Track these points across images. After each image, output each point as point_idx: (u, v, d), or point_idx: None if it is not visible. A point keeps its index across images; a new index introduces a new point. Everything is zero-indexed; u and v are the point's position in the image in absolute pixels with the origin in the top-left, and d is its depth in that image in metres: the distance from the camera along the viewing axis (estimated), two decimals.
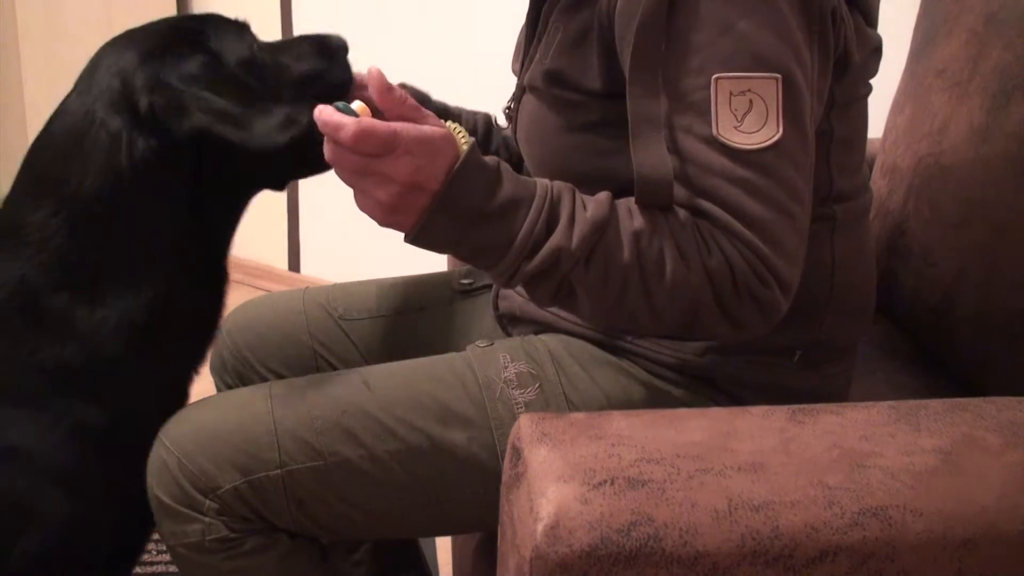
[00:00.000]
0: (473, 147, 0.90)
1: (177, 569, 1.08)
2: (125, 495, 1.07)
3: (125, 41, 1.08)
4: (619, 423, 0.84)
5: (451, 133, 0.90)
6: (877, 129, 1.46)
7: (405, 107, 0.90)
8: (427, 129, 0.88)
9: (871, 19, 1.04)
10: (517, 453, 0.82)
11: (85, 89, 1.07)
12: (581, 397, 1.05)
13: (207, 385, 1.37)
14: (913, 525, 0.76)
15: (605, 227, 0.90)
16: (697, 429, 0.83)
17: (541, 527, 0.73)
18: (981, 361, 1.23)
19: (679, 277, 0.89)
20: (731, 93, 0.90)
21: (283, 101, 1.08)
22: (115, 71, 1.05)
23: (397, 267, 1.60)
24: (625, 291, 0.90)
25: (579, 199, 0.92)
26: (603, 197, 0.92)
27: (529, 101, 1.10)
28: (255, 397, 1.08)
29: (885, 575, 0.76)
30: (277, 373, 1.30)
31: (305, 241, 3.10)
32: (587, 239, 0.89)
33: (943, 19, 1.39)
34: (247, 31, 1.12)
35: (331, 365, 1.30)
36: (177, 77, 1.03)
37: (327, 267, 3.05)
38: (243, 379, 1.33)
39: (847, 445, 0.82)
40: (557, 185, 0.92)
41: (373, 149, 0.86)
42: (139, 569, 1.81)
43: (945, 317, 1.28)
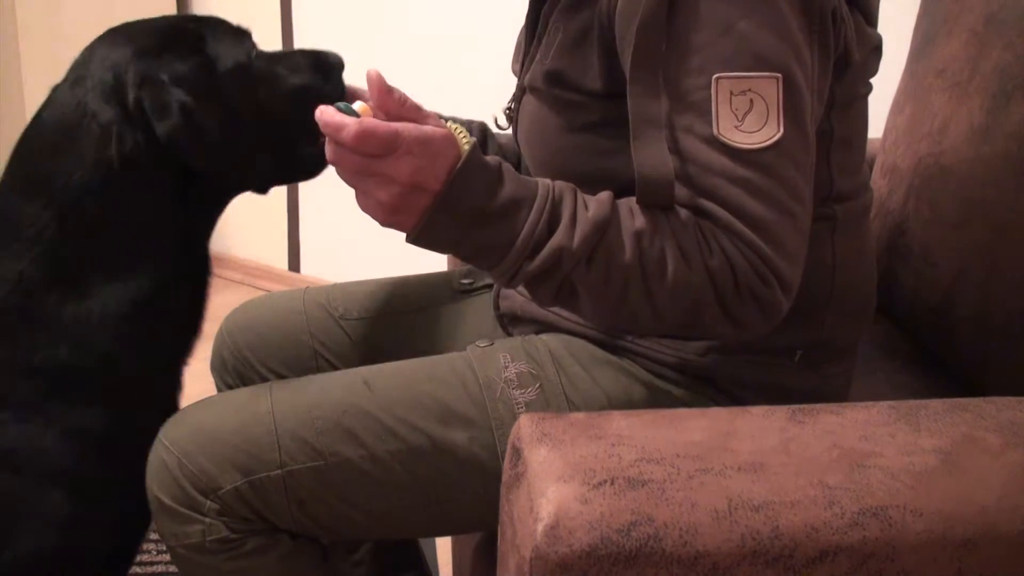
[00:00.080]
0: (474, 147, 0.90)
1: (177, 570, 1.08)
2: (123, 493, 1.07)
3: (121, 35, 1.08)
4: (619, 423, 0.84)
5: (452, 133, 0.90)
6: (877, 129, 1.46)
7: (405, 108, 0.90)
8: (428, 129, 0.88)
9: (871, 18, 1.04)
10: (517, 453, 0.82)
11: (77, 80, 1.07)
12: (581, 397, 1.05)
13: (207, 385, 1.37)
14: (913, 525, 0.76)
15: (607, 227, 0.90)
16: (697, 429, 0.83)
17: (541, 527, 0.73)
18: (981, 361, 1.23)
19: (681, 277, 0.89)
20: (731, 93, 0.90)
21: (273, 113, 1.09)
22: (108, 64, 1.05)
23: (397, 267, 1.60)
24: (627, 291, 0.90)
25: (580, 199, 0.92)
26: (604, 197, 0.92)
27: (529, 102, 1.10)
28: (255, 397, 1.08)
29: (885, 575, 0.76)
30: (277, 373, 1.30)
31: (305, 241, 3.10)
32: (589, 239, 0.89)
33: (943, 19, 1.39)
34: (246, 38, 1.12)
35: (331, 365, 1.30)
36: (168, 77, 1.03)
37: (327, 267, 3.05)
38: (243, 379, 1.33)
39: (847, 445, 0.82)
40: (559, 185, 0.92)
41: (374, 149, 0.86)
42: (139, 569, 1.82)
43: (945, 317, 1.28)
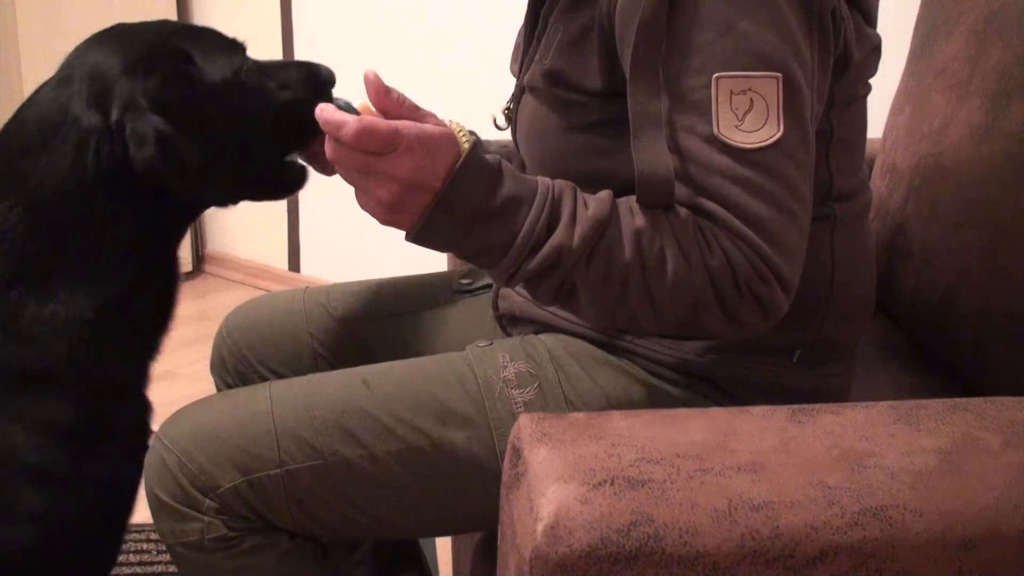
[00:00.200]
0: (474, 145, 0.90)
1: (176, 569, 1.08)
2: (97, 486, 1.07)
3: (112, 43, 1.08)
4: (619, 423, 0.84)
5: (452, 131, 0.90)
6: (877, 129, 1.46)
7: (404, 108, 0.90)
8: (428, 127, 0.88)
9: (871, 18, 1.04)
10: (517, 453, 0.82)
11: (63, 81, 1.07)
12: (580, 397, 1.05)
13: (207, 385, 1.36)
14: (913, 525, 0.76)
15: (606, 226, 0.90)
16: (697, 429, 0.83)
17: (541, 527, 0.73)
18: (981, 361, 1.23)
19: (680, 276, 0.89)
20: (732, 92, 0.90)
21: (259, 128, 1.10)
22: (96, 73, 1.05)
23: (397, 267, 1.60)
24: (626, 290, 0.90)
25: (580, 198, 0.92)
26: (604, 196, 0.92)
27: (529, 102, 1.10)
28: (255, 396, 1.08)
29: (885, 575, 0.76)
30: (277, 373, 1.30)
31: (305, 241, 3.10)
32: (588, 238, 0.89)
33: (943, 19, 1.39)
34: (239, 51, 1.12)
35: (331, 365, 1.30)
36: (150, 102, 1.03)
37: (327, 267, 3.05)
38: (243, 379, 1.33)
39: (847, 445, 0.82)
40: (558, 183, 0.92)
41: (374, 147, 0.86)
42: (139, 569, 1.82)
43: (945, 317, 1.28)
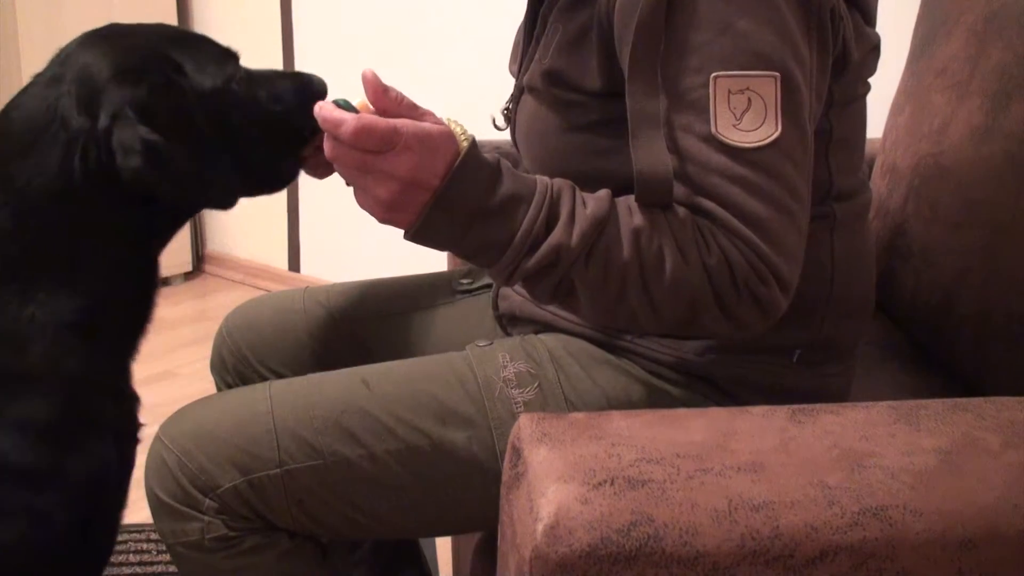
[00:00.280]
0: (473, 144, 0.90)
1: (176, 569, 1.08)
2: (81, 483, 1.07)
3: (103, 44, 1.08)
4: (619, 423, 0.84)
5: (451, 130, 0.90)
6: (877, 129, 1.46)
7: (402, 107, 0.91)
8: (427, 126, 0.88)
9: (870, 17, 1.04)
10: (517, 453, 0.82)
11: (52, 82, 1.07)
12: (580, 396, 1.05)
13: (207, 384, 1.37)
14: (913, 525, 0.76)
15: (605, 224, 0.90)
16: (697, 429, 0.83)
17: (541, 527, 0.73)
18: (981, 361, 1.23)
19: (679, 275, 0.89)
20: (730, 91, 0.90)
21: (247, 138, 1.10)
22: (86, 76, 1.05)
23: (397, 267, 1.60)
24: (625, 289, 0.90)
25: (579, 196, 0.92)
26: (603, 195, 0.92)
27: (528, 102, 1.10)
28: (255, 396, 1.08)
29: (885, 575, 0.76)
30: (277, 372, 1.30)
31: (305, 241, 3.10)
32: (587, 236, 0.89)
33: (943, 19, 1.39)
34: (231, 60, 1.11)
35: (331, 365, 1.30)
36: (139, 112, 1.03)
37: (327, 267, 3.05)
38: (243, 378, 1.33)
39: (847, 445, 0.82)
40: (557, 182, 0.92)
41: (373, 145, 0.86)
42: (139, 569, 1.82)
43: (945, 317, 1.28)
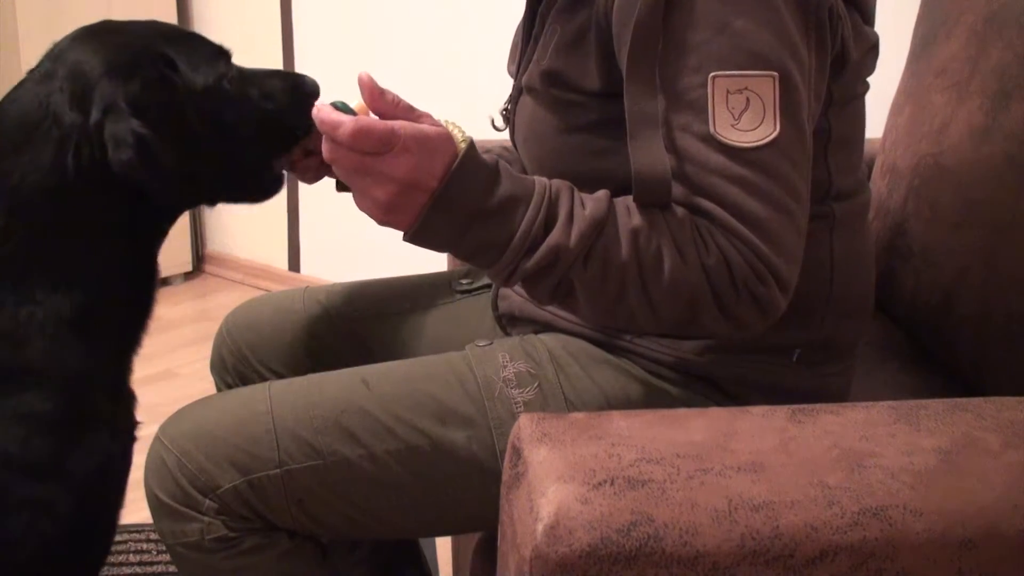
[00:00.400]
0: (471, 145, 0.90)
1: (176, 569, 1.08)
2: (82, 477, 1.07)
3: (96, 41, 1.08)
4: (619, 423, 0.84)
5: (449, 132, 0.90)
6: (877, 129, 1.46)
7: (399, 109, 0.91)
8: (425, 128, 0.88)
9: (868, 17, 1.04)
10: (517, 453, 0.82)
11: (44, 78, 1.07)
12: (580, 396, 1.05)
13: (207, 384, 1.37)
14: (913, 525, 0.76)
15: (603, 225, 0.90)
16: (697, 429, 0.83)
17: (541, 527, 0.73)
18: (981, 361, 1.23)
19: (677, 275, 0.89)
20: (728, 91, 0.90)
21: (238, 137, 1.10)
22: (78, 72, 1.05)
23: (397, 267, 1.60)
24: (624, 289, 0.90)
25: (577, 197, 0.92)
26: (602, 195, 0.92)
27: (527, 102, 1.10)
28: (254, 396, 1.08)
29: (885, 575, 0.76)
30: (277, 372, 1.30)
31: (305, 241, 3.10)
32: (585, 237, 0.89)
33: (943, 19, 1.39)
34: (224, 58, 1.12)
35: (331, 365, 1.30)
36: (131, 105, 1.03)
37: (327, 267, 3.05)
38: (243, 378, 1.32)
39: (847, 445, 0.82)
40: (556, 183, 0.92)
41: (371, 147, 0.86)
42: (139, 569, 1.82)
43: (945, 317, 1.28)
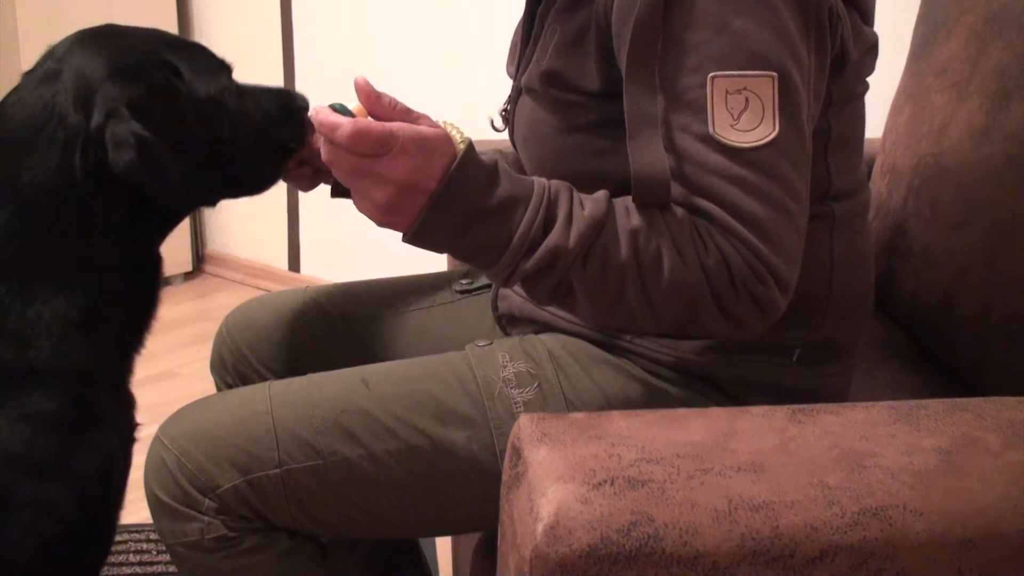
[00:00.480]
0: (470, 146, 0.90)
1: (176, 569, 1.08)
2: (86, 477, 1.07)
3: (100, 43, 1.09)
4: (619, 423, 0.84)
5: (447, 132, 0.90)
6: (877, 129, 1.46)
7: (396, 112, 0.91)
8: (424, 129, 0.88)
9: (867, 17, 1.04)
10: (517, 453, 0.82)
11: (46, 79, 1.07)
12: (579, 396, 1.05)
13: (207, 385, 1.37)
14: (913, 525, 0.76)
15: (603, 226, 0.90)
16: (697, 429, 0.83)
17: (541, 527, 0.73)
18: (981, 361, 1.23)
19: (677, 275, 0.89)
20: (727, 91, 0.90)
21: (233, 148, 1.13)
22: (81, 74, 1.05)
23: (397, 267, 1.60)
24: (623, 289, 0.90)
25: (577, 198, 0.92)
26: (601, 196, 0.92)
27: (526, 103, 1.10)
28: (254, 396, 1.08)
29: (885, 575, 0.76)
30: (277, 372, 1.30)
31: (305, 241, 3.10)
32: (585, 237, 0.89)
33: (943, 19, 1.39)
34: (225, 71, 1.14)
35: (331, 365, 1.30)
36: (133, 108, 1.03)
37: (327, 267, 3.05)
38: (243, 378, 1.33)
39: (847, 445, 0.82)
40: (555, 184, 0.92)
41: (369, 149, 0.86)
42: (139, 569, 1.82)
43: (945, 317, 1.28)
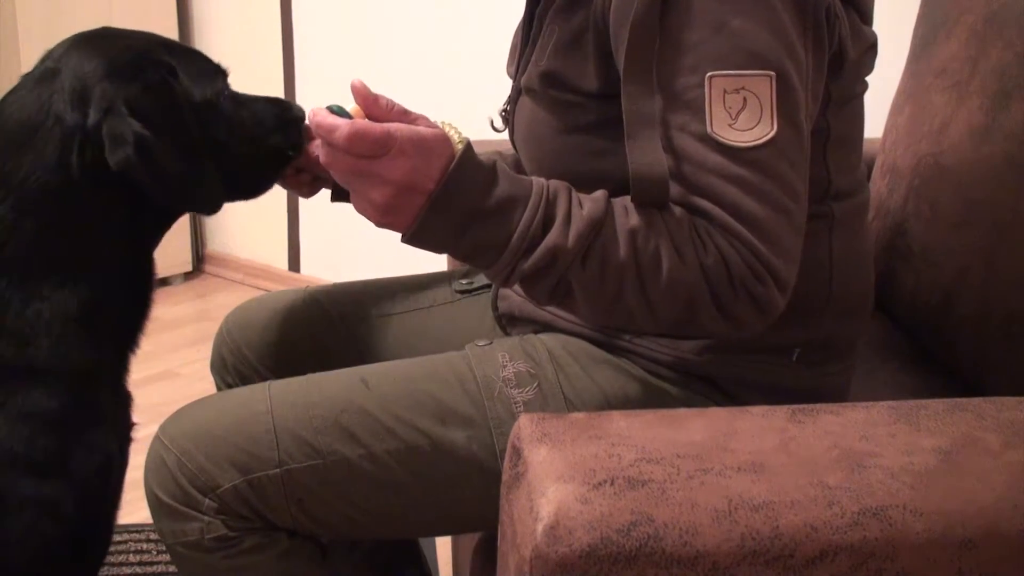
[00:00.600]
0: (468, 146, 0.90)
1: (176, 569, 1.08)
2: (85, 476, 1.07)
3: (97, 44, 1.09)
4: (619, 423, 0.84)
5: (445, 133, 0.90)
6: (877, 129, 1.46)
7: (393, 113, 0.92)
8: (421, 130, 0.88)
9: (866, 16, 1.04)
10: (517, 453, 0.82)
11: (43, 80, 1.07)
12: (579, 396, 1.05)
13: (207, 384, 1.37)
14: (913, 525, 0.76)
15: (601, 225, 0.90)
16: (697, 429, 0.83)
17: (541, 527, 0.73)
18: (981, 361, 1.23)
19: (675, 275, 0.89)
20: (725, 91, 0.90)
21: (229, 154, 1.13)
22: (79, 73, 1.06)
23: (397, 267, 1.60)
24: (622, 289, 0.90)
25: (575, 197, 0.92)
26: (599, 195, 0.92)
27: (525, 103, 1.10)
28: (254, 396, 1.08)
29: (885, 575, 0.76)
30: (277, 372, 1.30)
31: (305, 241, 3.10)
32: (583, 237, 0.89)
33: (943, 19, 1.39)
34: (221, 77, 1.15)
35: (330, 365, 1.30)
36: (131, 106, 1.04)
37: (327, 267, 3.05)
38: (243, 378, 1.33)
39: (847, 445, 0.82)
40: (553, 183, 0.92)
41: (367, 150, 0.86)
42: (139, 569, 1.82)
43: (945, 317, 1.28)
